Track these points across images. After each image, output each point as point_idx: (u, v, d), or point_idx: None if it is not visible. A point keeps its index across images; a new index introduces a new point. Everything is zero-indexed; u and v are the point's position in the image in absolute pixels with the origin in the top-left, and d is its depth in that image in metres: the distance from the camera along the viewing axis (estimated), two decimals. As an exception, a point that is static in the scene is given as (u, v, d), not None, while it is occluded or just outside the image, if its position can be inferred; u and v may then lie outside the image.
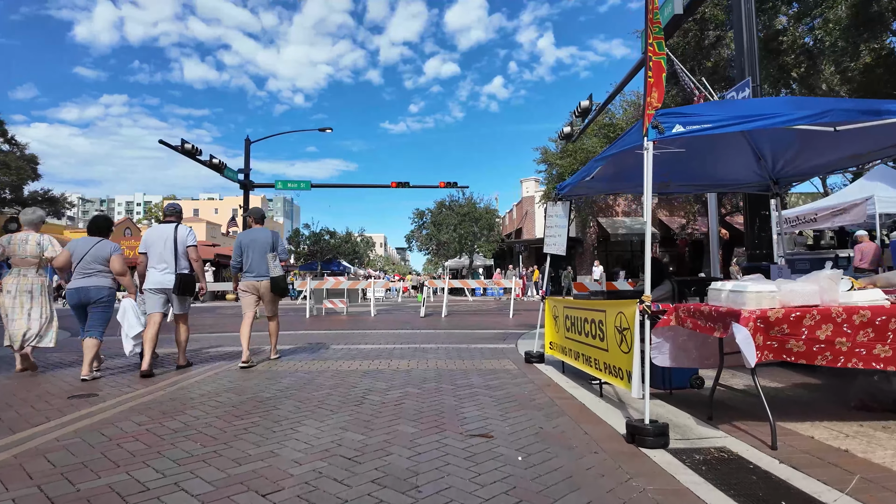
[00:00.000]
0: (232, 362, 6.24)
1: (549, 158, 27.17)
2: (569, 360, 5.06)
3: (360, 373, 5.51)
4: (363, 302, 20.58)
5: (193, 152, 21.64)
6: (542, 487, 2.47)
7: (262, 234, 6.27)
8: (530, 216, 34.34)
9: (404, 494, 2.40)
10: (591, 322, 4.36)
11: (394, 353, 6.99)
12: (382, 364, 6.06)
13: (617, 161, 4.61)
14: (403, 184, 29.02)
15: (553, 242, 5.99)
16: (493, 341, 8.26)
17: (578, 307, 4.76)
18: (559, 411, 3.87)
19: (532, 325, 11.04)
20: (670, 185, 6.10)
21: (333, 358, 6.56)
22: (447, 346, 7.60)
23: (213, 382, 5.06)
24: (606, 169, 4.81)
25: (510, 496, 2.38)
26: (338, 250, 37.87)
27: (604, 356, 4.09)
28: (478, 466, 2.75)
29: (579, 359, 4.73)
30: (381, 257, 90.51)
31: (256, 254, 6.17)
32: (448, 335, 9.16)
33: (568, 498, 2.36)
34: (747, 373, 3.33)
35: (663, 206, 31.70)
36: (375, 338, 8.79)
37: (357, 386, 4.84)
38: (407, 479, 2.58)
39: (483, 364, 6.06)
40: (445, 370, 5.65)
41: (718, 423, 3.50)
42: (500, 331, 9.91)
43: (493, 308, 17.76)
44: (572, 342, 4.94)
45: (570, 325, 5.01)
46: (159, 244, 5.68)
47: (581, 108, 16.50)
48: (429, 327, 10.70)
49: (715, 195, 7.96)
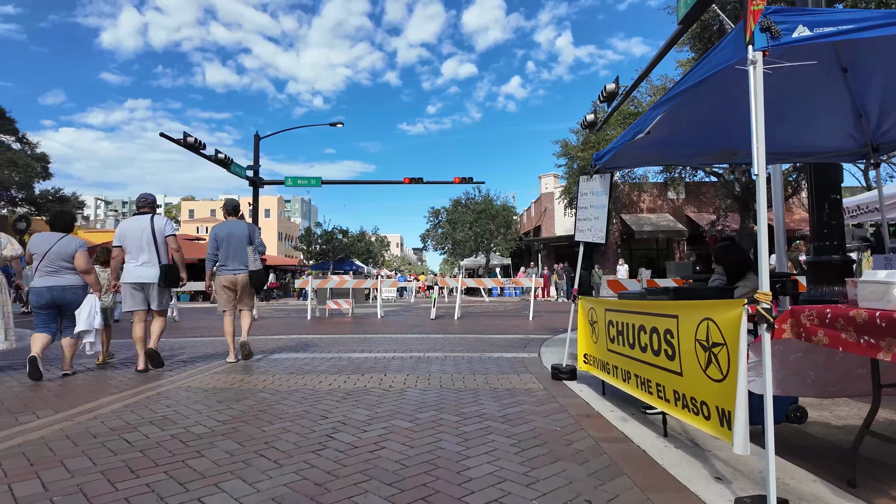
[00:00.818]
0: (193, 369, 5.10)
1: (569, 151, 25.69)
2: (613, 382, 3.79)
3: (341, 394, 4.31)
4: (374, 302, 19.44)
5: (196, 146, 20.72)
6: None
7: (239, 227, 6.03)
8: (549, 213, 32.91)
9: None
10: (652, 332, 3.09)
11: (391, 364, 5.78)
12: (373, 380, 4.86)
13: (688, 105, 3.33)
14: (417, 179, 27.83)
15: (588, 227, 4.71)
16: (511, 349, 7.01)
17: (629, 310, 3.49)
18: (611, 466, 2.61)
19: (555, 328, 9.75)
20: (738, 153, 4.77)
21: (316, 370, 5.38)
22: (456, 356, 6.36)
23: (143, 408, 3.90)
24: (671, 118, 3.50)
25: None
26: (350, 249, 36.81)
27: (674, 382, 2.82)
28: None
29: (630, 381, 3.46)
30: (396, 257, 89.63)
31: (234, 247, 5.92)
32: (459, 341, 7.93)
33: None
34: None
35: (691, 200, 30.02)
36: (375, 344, 7.59)
37: (329, 416, 3.62)
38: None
39: (499, 381, 4.81)
40: (450, 391, 4.42)
41: (867, 492, 2.21)
42: (520, 336, 8.64)
43: (511, 310, 16.46)
44: (619, 357, 3.67)
45: (615, 333, 3.74)
46: (136, 236, 5.42)
47: (606, 93, 15.07)
48: (438, 331, 9.47)
49: (780, 170, 6.60)
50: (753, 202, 25.59)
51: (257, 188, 27.44)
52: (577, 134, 26.20)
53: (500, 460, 2.69)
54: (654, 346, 3.07)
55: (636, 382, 3.37)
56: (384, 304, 21.74)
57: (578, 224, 4.81)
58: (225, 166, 23.70)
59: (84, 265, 5.29)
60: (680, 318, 2.76)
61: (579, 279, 5.29)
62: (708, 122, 4.27)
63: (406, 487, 2.34)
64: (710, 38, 15.53)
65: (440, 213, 36.21)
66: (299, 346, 7.36)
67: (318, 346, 7.33)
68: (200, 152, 21.49)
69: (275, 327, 10.60)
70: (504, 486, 2.34)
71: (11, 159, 28.18)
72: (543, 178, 34.59)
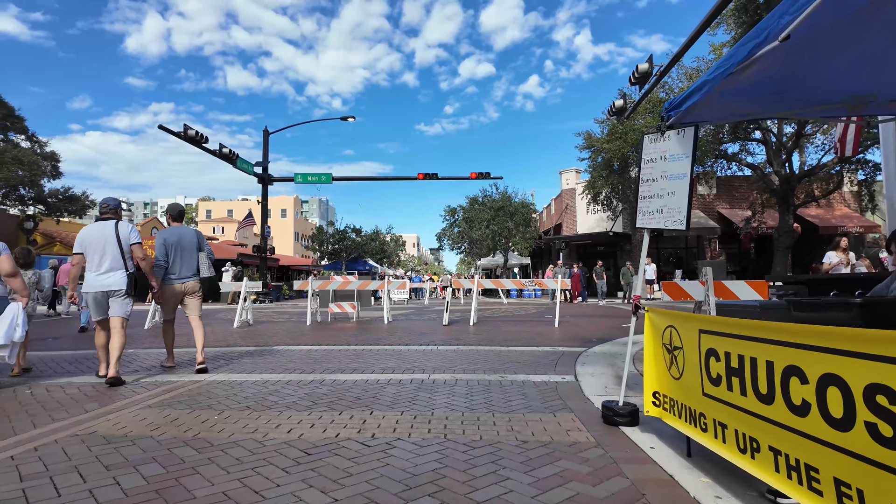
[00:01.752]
0: (125, 398, 3.80)
1: (593, 143, 24.07)
2: (715, 446, 2.37)
3: (298, 453, 2.94)
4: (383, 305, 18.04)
5: (198, 139, 19.67)
6: None
7: (188, 233, 5.82)
8: (571, 210, 31.28)
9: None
10: (825, 382, 1.67)
11: (383, 393, 4.41)
12: (352, 423, 3.49)
13: (823, 29, 1.91)
14: (431, 175, 26.54)
15: (657, 208, 3.28)
16: (539, 368, 5.59)
17: (761, 337, 2.05)
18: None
19: (586, 337, 8.30)
20: (876, 99, 3.29)
21: (281, 403, 4.04)
22: (469, 379, 4.98)
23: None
24: (790, 49, 2.08)
25: None
26: (363, 249, 35.57)
27: (847, 468, 1.40)
28: None
29: (748, 450, 2.06)
30: (412, 257, 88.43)
31: (183, 254, 5.70)
32: (474, 356, 6.53)
33: None
34: None
35: (723, 196, 28.13)
36: (371, 360, 6.24)
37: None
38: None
39: (529, 426, 3.41)
40: (458, 445, 3.03)
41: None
42: (547, 348, 7.20)
43: (533, 313, 14.98)
44: (729, 410, 2.24)
45: (722, 371, 2.31)
46: (100, 244, 5.07)
47: (639, 73, 13.41)
48: (450, 341, 8.08)
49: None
50: (793, 196, 23.65)
51: (266, 185, 26.44)
52: (602, 124, 24.55)
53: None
54: (825, 405, 1.65)
55: (766, 456, 1.95)
56: (395, 306, 20.46)
57: (641, 204, 3.37)
58: (231, 161, 22.66)
59: (10, 268, 4.72)
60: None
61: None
62: (841, 57, 2.84)
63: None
64: (756, 9, 13.85)
65: (456, 212, 34.79)
66: (277, 363, 6.04)
67: (300, 362, 6.01)
68: (203, 146, 20.45)
69: (267, 334, 9.33)
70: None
71: (17, 157, 27.58)
72: (564, 174, 32.96)
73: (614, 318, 12.60)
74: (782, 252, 22.01)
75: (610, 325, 10.87)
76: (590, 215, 29.06)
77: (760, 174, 23.09)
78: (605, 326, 10.46)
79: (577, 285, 22.42)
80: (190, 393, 4.47)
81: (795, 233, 23.10)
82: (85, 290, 5.12)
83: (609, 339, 8.10)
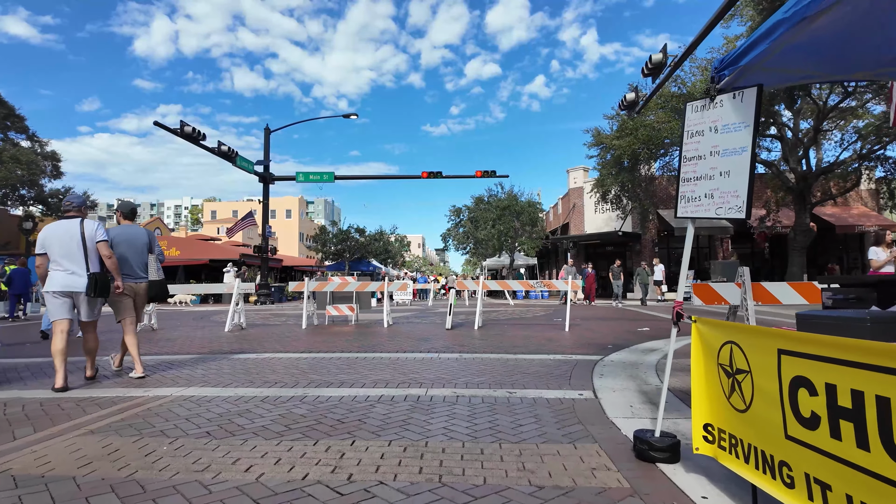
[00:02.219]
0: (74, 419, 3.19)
1: (602, 140, 23.32)
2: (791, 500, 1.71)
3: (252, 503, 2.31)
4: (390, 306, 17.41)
5: (195, 136, 19.13)
6: None
7: (138, 233, 5.61)
8: (578, 209, 30.54)
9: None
10: None
11: (370, 415, 3.76)
12: (326, 460, 2.85)
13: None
14: (436, 174, 25.86)
15: (704, 192, 2.60)
16: (551, 380, 4.93)
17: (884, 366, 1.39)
18: None
19: (600, 343, 7.61)
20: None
21: (248, 429, 3.40)
22: (472, 395, 4.32)
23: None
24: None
25: None
26: (367, 249, 34.93)
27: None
28: None
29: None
30: (418, 258, 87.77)
31: (132, 254, 5.46)
32: (479, 365, 5.87)
33: None
34: None
35: (736, 194, 27.25)
36: (363, 370, 5.59)
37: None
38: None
39: (545, 462, 2.75)
40: (455, 493, 2.37)
41: None
42: (559, 356, 6.53)
43: (541, 316, 14.29)
44: (831, 465, 1.58)
45: (816, 413, 1.65)
46: (63, 242, 4.87)
47: (652, 64, 12.72)
48: (452, 348, 7.42)
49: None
50: (810, 194, 22.78)
51: (267, 184, 25.87)
52: (611, 121, 23.80)
53: None
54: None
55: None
56: (397, 308, 19.78)
57: (684, 188, 2.70)
58: (230, 159, 22.12)
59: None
60: None
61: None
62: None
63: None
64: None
65: (462, 212, 34.11)
66: (259, 374, 5.41)
67: (283, 373, 5.37)
68: (201, 143, 19.90)
69: (257, 339, 8.71)
70: None
71: (15, 156, 27.19)
72: (572, 172, 32.22)
73: (627, 321, 11.89)
74: (798, 252, 21.16)
75: (623, 328, 10.17)
76: (598, 214, 28.29)
77: (776, 171, 22.28)
78: (618, 330, 9.76)
79: (591, 286, 21.66)
80: (146, 413, 3.84)
81: (812, 232, 22.27)
82: (47, 288, 4.85)
83: (626, 345, 7.42)
